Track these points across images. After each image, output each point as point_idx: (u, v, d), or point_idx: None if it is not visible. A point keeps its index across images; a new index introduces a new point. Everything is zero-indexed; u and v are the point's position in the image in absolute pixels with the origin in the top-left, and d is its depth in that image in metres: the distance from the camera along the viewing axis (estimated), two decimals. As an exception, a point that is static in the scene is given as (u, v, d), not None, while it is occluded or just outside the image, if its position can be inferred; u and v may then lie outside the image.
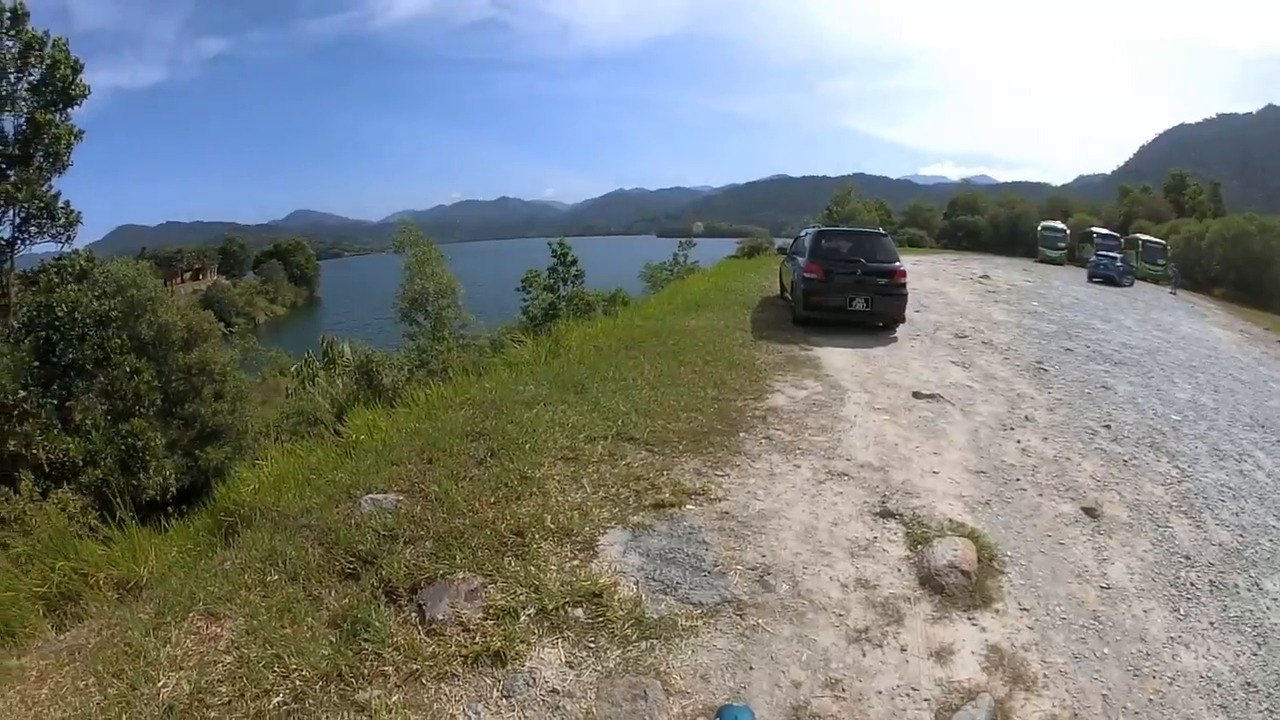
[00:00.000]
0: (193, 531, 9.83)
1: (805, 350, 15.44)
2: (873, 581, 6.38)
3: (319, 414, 28.04)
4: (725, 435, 9.70)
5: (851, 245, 19.70)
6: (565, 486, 7.95)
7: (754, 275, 32.84)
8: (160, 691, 5.10)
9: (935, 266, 40.43)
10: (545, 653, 5.34)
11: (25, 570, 7.77)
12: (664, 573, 6.32)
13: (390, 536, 6.83)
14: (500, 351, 23.23)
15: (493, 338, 35.17)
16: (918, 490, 8.36)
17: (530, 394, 11.53)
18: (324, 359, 45.27)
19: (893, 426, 10.65)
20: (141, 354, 23.88)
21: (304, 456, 11.79)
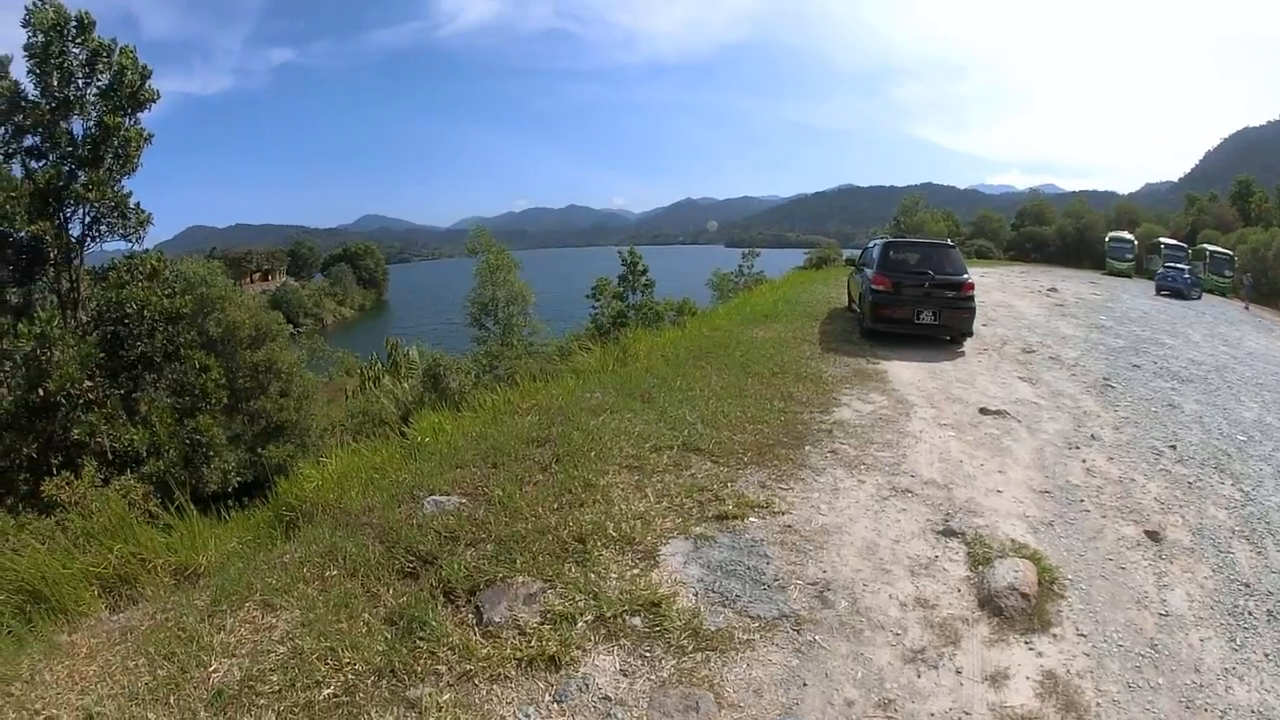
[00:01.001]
0: (253, 524, 10.00)
1: (872, 363, 15.37)
2: (932, 601, 6.27)
3: (384, 415, 28.37)
4: (790, 448, 9.61)
5: (920, 257, 19.51)
6: (629, 495, 7.93)
7: (822, 287, 32.69)
8: (210, 676, 5.17)
9: (1003, 279, 39.91)
10: (600, 659, 5.30)
11: (82, 551, 7.90)
12: (724, 585, 6.25)
13: (451, 538, 6.87)
14: (568, 359, 23.30)
15: (560, 345, 35.28)
16: (981, 509, 8.21)
17: (597, 402, 11.59)
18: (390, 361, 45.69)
19: (958, 443, 10.50)
20: (209, 351, 24.34)
21: (368, 456, 11.91)
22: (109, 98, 19.73)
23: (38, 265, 19.66)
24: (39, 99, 19.45)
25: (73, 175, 19.35)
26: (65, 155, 19.73)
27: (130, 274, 20.64)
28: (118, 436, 17.89)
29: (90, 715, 4.95)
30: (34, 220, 18.27)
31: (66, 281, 20.47)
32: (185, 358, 21.08)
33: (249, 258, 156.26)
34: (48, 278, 20.27)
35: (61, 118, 19.62)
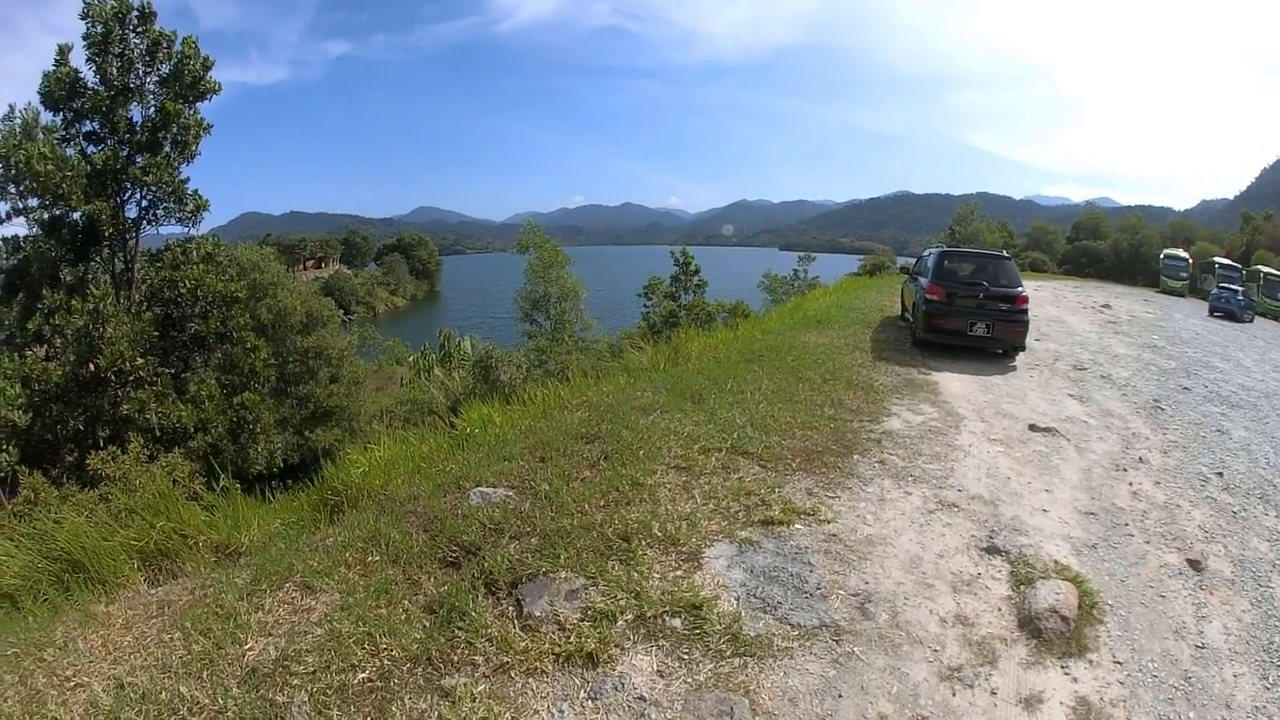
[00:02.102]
0: (297, 506, 10.10)
1: (924, 374, 15.24)
2: (972, 619, 6.18)
3: (434, 404, 28.53)
4: (839, 456, 9.53)
5: (974, 268, 19.37)
6: (676, 496, 7.90)
7: (875, 294, 32.53)
8: (246, 654, 5.23)
9: (1057, 293, 39.40)
10: (638, 659, 5.27)
11: (124, 525, 8.02)
12: (766, 591, 6.18)
13: (496, 530, 6.88)
14: (619, 356, 23.32)
15: (612, 342, 35.32)
16: (1026, 528, 8.10)
17: (647, 401, 11.59)
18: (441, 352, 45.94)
19: (1006, 459, 10.36)
20: (261, 334, 24.55)
21: (416, 444, 12.00)
22: (169, 86, 20.01)
23: (93, 245, 19.95)
24: (98, 86, 19.74)
25: (130, 160, 19.61)
26: (124, 141, 20.03)
27: (185, 256, 20.92)
28: (166, 414, 18.15)
29: (122, 684, 5.02)
30: (90, 200, 18.52)
31: (121, 262, 20.79)
32: (237, 339, 21.32)
33: (303, 245, 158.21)
34: (102, 257, 20.58)
35: (120, 105, 19.92)
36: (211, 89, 20.76)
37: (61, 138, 19.57)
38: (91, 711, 4.83)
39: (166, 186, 19.98)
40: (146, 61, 19.80)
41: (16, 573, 7.29)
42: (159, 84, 20.14)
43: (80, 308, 17.20)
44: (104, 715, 4.76)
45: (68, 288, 18.78)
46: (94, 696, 4.96)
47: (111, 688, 5.01)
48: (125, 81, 19.81)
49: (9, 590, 7.10)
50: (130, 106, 20.15)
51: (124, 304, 19.50)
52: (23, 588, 7.09)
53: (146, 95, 20.13)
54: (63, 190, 18.06)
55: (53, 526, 7.84)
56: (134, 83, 19.87)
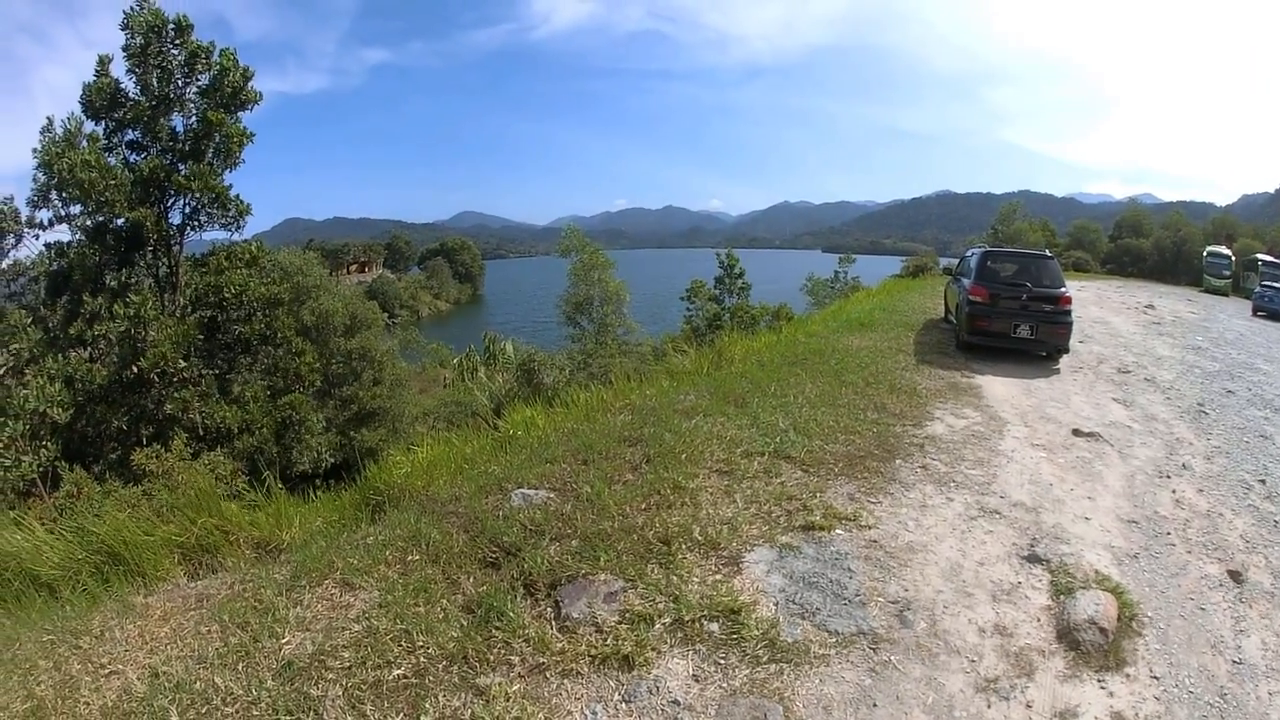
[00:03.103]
0: (339, 505, 10.22)
1: (967, 378, 15.15)
2: (1010, 629, 6.11)
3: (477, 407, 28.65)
4: (881, 461, 9.47)
5: (1017, 268, 19.18)
6: (717, 500, 7.88)
7: (918, 296, 32.37)
8: (282, 647, 5.30)
9: (1100, 294, 38.75)
10: (673, 663, 5.25)
11: (166, 520, 8.16)
12: (805, 596, 6.14)
13: (537, 531, 6.90)
14: (662, 360, 23.33)
15: (655, 345, 35.30)
16: (1068, 536, 7.99)
17: (690, 404, 11.57)
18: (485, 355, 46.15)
19: (1049, 465, 10.23)
20: (304, 337, 24.78)
21: (459, 446, 12.13)
22: (210, 96, 20.28)
23: (136, 249, 20.20)
24: (139, 96, 20.02)
25: (173, 167, 19.87)
26: (166, 149, 20.32)
27: (229, 260, 21.16)
28: (210, 413, 18.38)
29: (157, 673, 5.12)
30: (134, 208, 18.78)
31: (165, 266, 21.06)
32: (281, 342, 21.52)
33: (346, 249, 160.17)
34: (146, 261, 20.84)
35: (162, 114, 20.25)
36: (253, 99, 21.01)
37: (104, 146, 19.83)
38: (125, 698, 4.93)
39: (210, 193, 20.23)
40: (185, 72, 20.07)
41: (56, 563, 7.46)
42: (199, 94, 20.42)
43: (122, 312, 17.42)
44: (137, 702, 4.85)
45: (111, 291, 19.04)
46: (128, 684, 5.07)
47: (146, 676, 5.12)
48: (165, 91, 20.11)
49: (48, 580, 7.26)
50: (172, 116, 20.45)
51: (168, 307, 19.75)
52: (61, 578, 7.26)
53: (187, 105, 20.41)
54: (106, 198, 18.30)
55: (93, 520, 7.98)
56: (174, 93, 20.16)
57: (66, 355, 17.85)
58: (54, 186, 18.76)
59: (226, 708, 4.72)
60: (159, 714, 4.73)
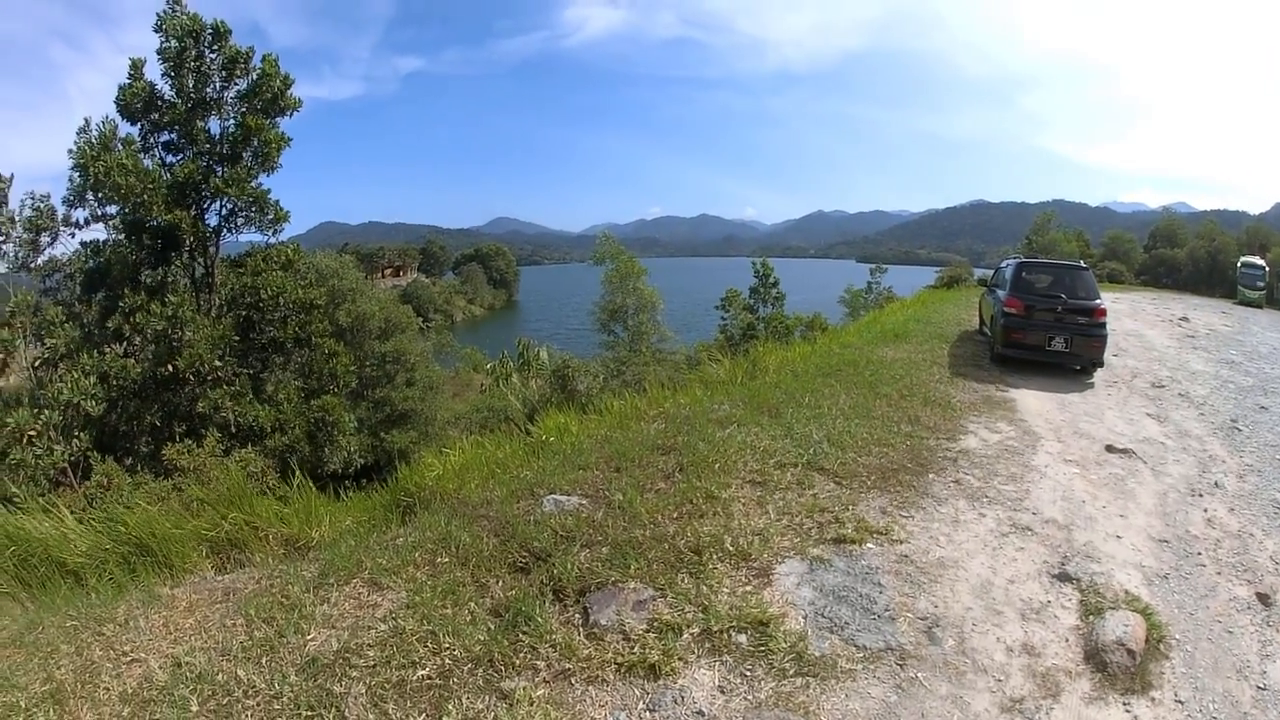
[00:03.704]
0: (370, 505, 10.30)
1: (1001, 391, 15.02)
2: (1038, 649, 6.03)
3: (510, 412, 28.75)
4: (914, 475, 9.40)
5: (1052, 279, 18.91)
6: (749, 510, 7.85)
7: (952, 307, 32.14)
8: (307, 644, 5.35)
9: (1135, 305, 38.32)
10: (700, 673, 5.21)
11: (196, 514, 8.27)
12: (834, 610, 6.08)
13: (568, 537, 6.90)
14: (696, 368, 23.32)
15: (689, 354, 35.30)
16: (1099, 554, 7.89)
17: (724, 414, 11.55)
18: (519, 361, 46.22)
19: (1082, 481, 10.10)
20: (339, 339, 24.93)
21: (491, 450, 12.17)
22: (249, 101, 20.44)
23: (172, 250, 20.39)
24: (174, 99, 20.22)
25: (210, 170, 20.04)
26: (203, 152, 20.49)
27: (266, 263, 21.31)
28: (243, 412, 18.52)
29: (179, 663, 5.19)
30: (171, 210, 18.94)
31: (201, 267, 21.27)
32: (316, 344, 21.66)
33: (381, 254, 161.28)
34: (182, 262, 21.03)
35: (198, 117, 20.41)
36: (292, 105, 21.16)
37: (140, 148, 20.01)
38: (145, 686, 5.00)
39: (247, 196, 20.38)
40: (224, 77, 20.22)
41: (83, 552, 7.57)
42: (238, 98, 20.56)
43: (159, 311, 17.59)
44: (157, 690, 4.92)
45: (147, 289, 19.23)
46: (149, 672, 5.14)
47: (168, 665, 5.19)
48: (202, 95, 20.26)
49: (74, 567, 7.37)
50: (209, 119, 20.61)
51: (203, 307, 19.92)
52: (88, 566, 7.37)
53: (225, 109, 20.56)
54: (143, 200, 18.47)
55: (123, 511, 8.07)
56: (211, 96, 20.31)
57: (101, 351, 18.04)
58: (90, 187, 18.96)
59: (248, 700, 4.77)
60: (179, 703, 4.78)
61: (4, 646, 5.73)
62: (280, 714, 4.67)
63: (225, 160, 20.44)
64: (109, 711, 4.84)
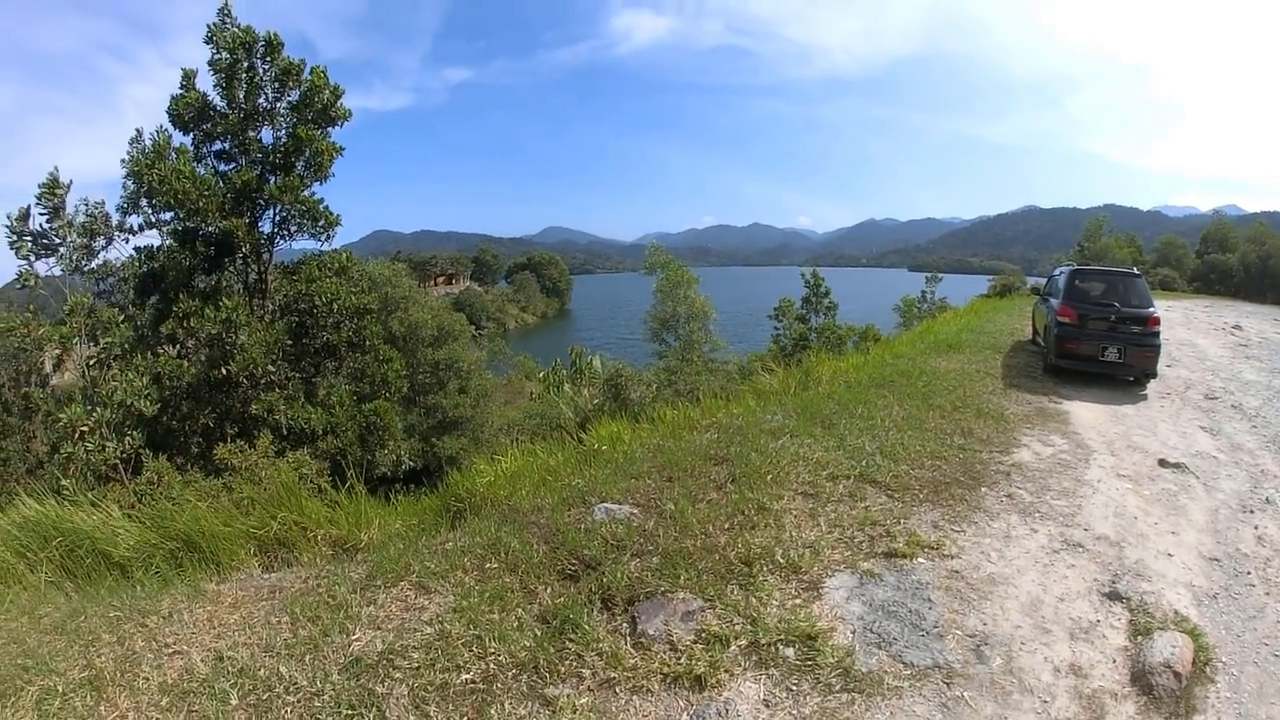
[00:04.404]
0: (419, 509, 10.38)
1: (1055, 403, 14.79)
2: (1085, 669, 5.90)
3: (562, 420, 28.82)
4: (967, 488, 9.28)
5: (1105, 287, 18.52)
6: (801, 522, 7.78)
7: (1005, 317, 31.74)
8: (351, 644, 5.39)
9: (1187, 314, 37.08)
10: (745, 686, 5.15)
11: (246, 513, 8.40)
12: (883, 625, 6.00)
13: (618, 546, 6.90)
14: (749, 378, 23.27)
15: (741, 364, 35.25)
16: (1149, 573, 7.74)
17: (777, 424, 11.49)
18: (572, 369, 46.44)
19: (1134, 497, 9.91)
20: (392, 346, 25.13)
21: (543, 458, 12.25)
22: (300, 111, 20.71)
23: (227, 255, 20.71)
24: (226, 110, 20.62)
25: (263, 179, 20.32)
26: (255, 161, 20.83)
27: (319, 269, 21.55)
28: (295, 415, 18.74)
29: (221, 657, 5.26)
30: (225, 217, 19.24)
31: (255, 273, 21.57)
32: (369, 349, 21.86)
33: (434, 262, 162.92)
34: (236, 268, 21.37)
35: (251, 127, 20.79)
36: (343, 116, 21.43)
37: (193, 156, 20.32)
38: (186, 677, 5.07)
39: (301, 204, 20.63)
40: (276, 88, 20.51)
41: (130, 545, 7.69)
42: (289, 109, 20.84)
43: (213, 316, 17.87)
44: (198, 682, 4.99)
45: (201, 294, 19.56)
46: (191, 664, 5.22)
47: (210, 659, 5.26)
48: (254, 105, 20.63)
49: (120, 560, 7.50)
50: (261, 129, 20.92)
51: (257, 312, 20.19)
52: (134, 560, 7.51)
53: (278, 119, 20.85)
54: (199, 206, 18.77)
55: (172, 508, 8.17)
56: (263, 107, 20.63)
57: (155, 353, 18.32)
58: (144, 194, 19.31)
59: (288, 696, 4.83)
60: (219, 696, 4.85)
61: (45, 633, 5.86)
62: (321, 711, 4.73)
63: (278, 169, 20.74)
64: (147, 700, 4.92)
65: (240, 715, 4.78)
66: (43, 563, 7.61)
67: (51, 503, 8.62)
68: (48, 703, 4.93)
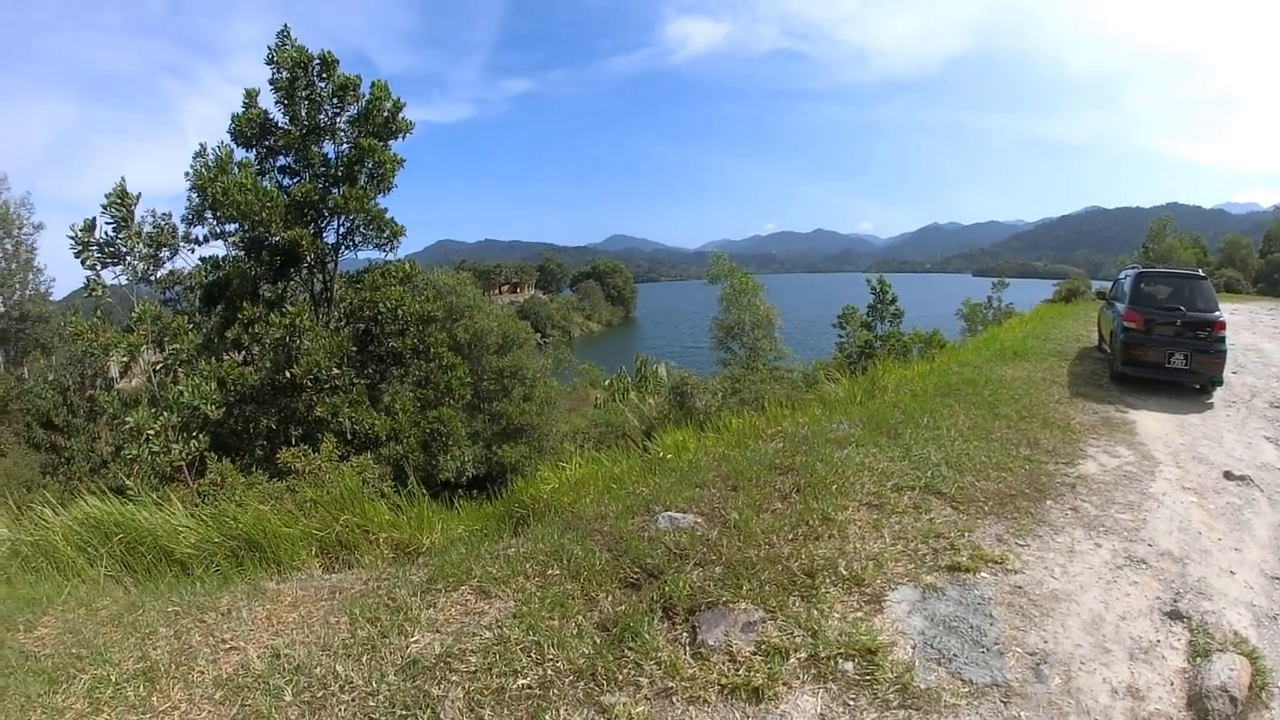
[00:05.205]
0: (483, 515, 10.43)
1: (1120, 412, 14.47)
2: (1143, 692, 5.77)
3: (627, 428, 28.87)
4: (1032, 501, 9.10)
5: (1171, 290, 18.05)
6: (865, 534, 7.70)
7: (1071, 323, 31.07)
8: (409, 645, 5.43)
9: (1252, 317, 35.70)
10: (803, 700, 5.10)
11: (308, 515, 8.56)
12: (943, 641, 5.90)
13: (681, 555, 6.88)
14: (814, 387, 23.18)
15: (806, 371, 35.11)
16: (1211, 591, 7.54)
17: (842, 433, 11.41)
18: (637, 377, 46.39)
19: (1199, 511, 9.67)
20: (457, 353, 25.33)
21: (608, 466, 12.31)
22: (360, 125, 21.13)
23: (291, 265, 21.14)
24: (288, 126, 21.36)
25: (326, 191, 20.74)
26: (319, 174, 21.36)
27: (384, 278, 21.86)
28: (359, 420, 19.03)
29: (278, 654, 5.35)
30: (289, 228, 19.65)
31: (319, 282, 22.08)
32: (433, 356, 22.07)
33: (498, 271, 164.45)
34: (301, 277, 21.86)
35: (313, 142, 21.46)
36: (404, 128, 21.87)
37: (257, 171, 20.83)
38: (241, 673, 5.18)
39: (365, 215, 21.02)
40: (335, 104, 20.97)
41: (192, 544, 7.90)
42: (350, 123, 21.27)
43: (278, 321, 18.24)
44: (253, 678, 5.10)
45: (266, 302, 19.99)
46: (247, 660, 5.33)
47: (266, 655, 5.36)
48: (315, 121, 21.30)
49: (182, 558, 7.71)
50: (323, 143, 21.40)
51: (322, 319, 20.53)
52: (196, 558, 7.71)
53: (338, 133, 21.32)
54: (262, 218, 19.19)
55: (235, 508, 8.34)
56: (324, 122, 21.08)
57: (220, 358, 18.71)
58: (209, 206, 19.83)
59: (343, 695, 4.90)
60: (273, 691, 4.94)
61: (102, 625, 6.03)
62: (375, 711, 4.79)
63: (340, 182, 21.17)
64: (200, 693, 5.03)
65: (293, 711, 4.87)
66: (103, 557, 7.86)
67: (114, 501, 8.89)
68: (99, 691, 5.09)
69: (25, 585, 7.49)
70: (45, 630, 6.12)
